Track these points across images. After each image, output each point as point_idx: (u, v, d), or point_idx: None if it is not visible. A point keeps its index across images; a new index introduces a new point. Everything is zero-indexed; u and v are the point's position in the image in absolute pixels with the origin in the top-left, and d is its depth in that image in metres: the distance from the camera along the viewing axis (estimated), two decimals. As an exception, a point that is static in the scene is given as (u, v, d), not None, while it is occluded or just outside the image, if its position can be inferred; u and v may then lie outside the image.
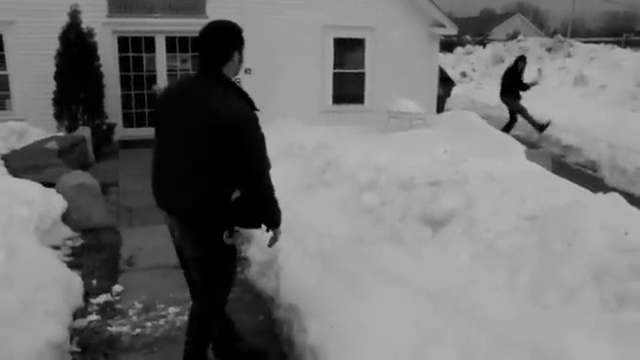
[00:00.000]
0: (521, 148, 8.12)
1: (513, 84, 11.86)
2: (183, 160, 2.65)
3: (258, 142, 2.60)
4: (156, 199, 2.89)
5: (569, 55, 17.99)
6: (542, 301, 2.90)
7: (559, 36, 20.85)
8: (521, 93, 11.89)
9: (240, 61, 2.75)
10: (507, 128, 11.67)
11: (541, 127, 11.49)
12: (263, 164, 2.64)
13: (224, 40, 2.66)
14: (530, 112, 11.72)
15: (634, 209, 3.65)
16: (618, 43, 20.36)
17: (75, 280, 4.25)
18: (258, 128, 2.60)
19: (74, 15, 8.93)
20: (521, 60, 12.13)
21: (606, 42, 20.06)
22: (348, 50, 11.75)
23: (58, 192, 5.71)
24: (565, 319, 2.69)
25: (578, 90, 14.66)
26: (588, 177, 9.29)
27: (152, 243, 5.44)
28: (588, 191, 4.44)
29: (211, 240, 2.73)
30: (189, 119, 2.59)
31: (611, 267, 2.84)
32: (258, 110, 2.66)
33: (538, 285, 3.01)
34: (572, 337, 2.52)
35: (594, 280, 2.84)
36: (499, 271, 3.25)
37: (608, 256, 2.91)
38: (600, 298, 2.76)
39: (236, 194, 2.69)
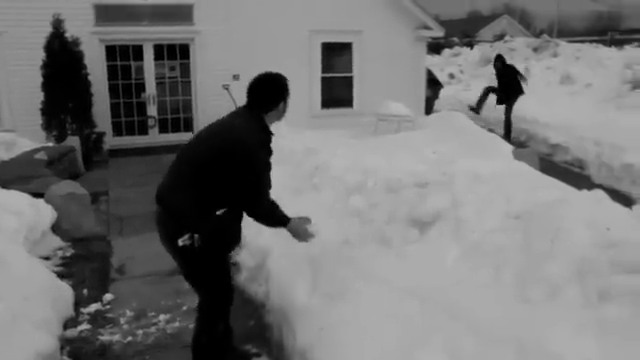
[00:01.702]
0: (509, 148, 8.19)
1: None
2: (183, 167, 2.95)
3: (258, 166, 2.88)
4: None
5: (555, 55, 18.14)
6: (526, 298, 2.94)
7: (545, 36, 21.04)
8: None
9: (284, 109, 3.12)
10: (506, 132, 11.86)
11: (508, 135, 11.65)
12: (259, 190, 2.91)
13: (273, 91, 3.04)
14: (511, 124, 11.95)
15: (617, 205, 3.70)
16: (603, 42, 20.55)
17: (65, 290, 4.26)
18: (260, 154, 2.88)
19: (57, 24, 8.91)
20: (497, 60, 12.27)
21: (591, 41, 20.26)
22: (336, 54, 11.80)
23: (47, 202, 5.71)
24: (549, 315, 2.73)
25: (565, 89, 14.78)
26: (576, 175, 9.37)
27: (143, 251, 5.45)
28: (573, 189, 4.49)
29: (174, 241, 2.93)
30: (207, 139, 2.96)
31: (593, 263, 2.88)
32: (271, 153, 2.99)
33: (523, 283, 3.05)
34: (556, 333, 2.56)
35: (577, 276, 2.89)
36: (485, 270, 3.29)
37: (590, 252, 2.95)
38: (583, 294, 2.80)
39: (220, 211, 2.90)
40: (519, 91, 11.83)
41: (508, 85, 11.83)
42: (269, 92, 3.02)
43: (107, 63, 10.32)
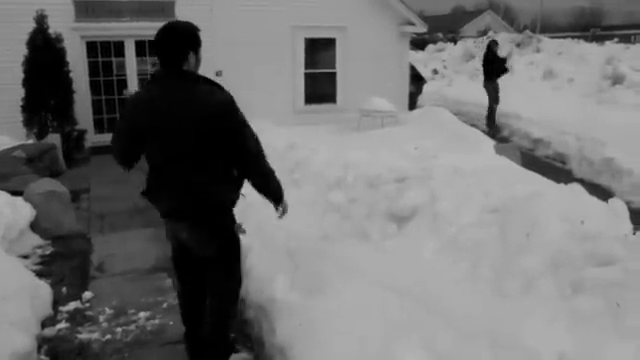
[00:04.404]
0: (490, 143, 8.25)
1: (491, 67, 12.14)
2: (183, 164, 2.71)
3: (246, 122, 2.72)
4: (158, 205, 2.93)
5: (538, 50, 18.30)
6: (502, 292, 2.97)
7: (528, 32, 21.20)
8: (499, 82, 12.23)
9: (197, 62, 2.76)
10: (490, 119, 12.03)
11: (490, 127, 11.82)
12: (258, 142, 2.77)
13: (178, 41, 2.68)
14: (497, 111, 12.06)
15: (594, 199, 3.75)
16: (585, 38, 20.79)
17: (43, 288, 4.21)
18: (238, 108, 2.70)
19: (41, 20, 8.80)
20: (494, 43, 12.62)
21: (573, 37, 20.48)
22: (319, 50, 11.79)
23: (26, 200, 5.63)
24: (524, 308, 2.76)
25: (547, 84, 14.93)
26: (557, 169, 9.46)
27: (124, 249, 5.42)
28: (552, 182, 4.53)
29: (226, 235, 2.90)
30: (174, 122, 2.61)
31: (567, 256, 2.92)
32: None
33: (499, 276, 3.07)
34: (530, 326, 2.59)
35: (551, 269, 2.92)
36: (462, 264, 3.31)
37: (565, 245, 2.99)
38: (557, 286, 2.83)
39: (244, 190, 2.89)
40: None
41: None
42: (174, 44, 2.68)
43: (88, 59, 10.20)
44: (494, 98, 12.11)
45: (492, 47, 12.42)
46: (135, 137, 2.80)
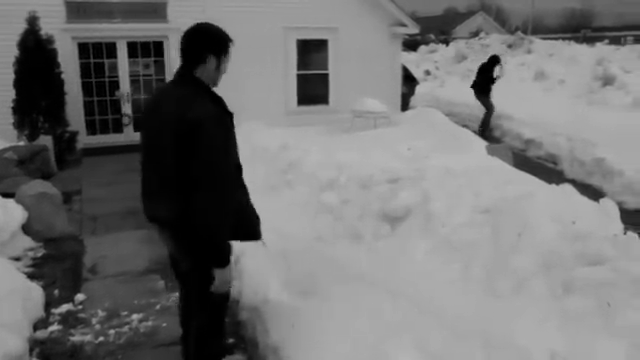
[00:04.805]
0: (482, 143, 8.29)
1: (485, 79, 12.17)
2: (155, 172, 2.57)
3: (214, 139, 2.39)
4: (143, 210, 2.80)
5: (529, 51, 18.41)
6: (494, 292, 2.99)
7: (519, 33, 21.32)
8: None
9: (217, 68, 2.64)
10: (485, 125, 12.04)
11: (482, 133, 11.82)
12: (216, 165, 2.38)
13: (197, 42, 2.59)
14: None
15: (584, 199, 3.77)
16: (576, 39, 20.95)
17: (35, 291, 4.19)
18: (219, 126, 2.43)
19: (32, 21, 8.76)
20: (499, 58, 12.57)
21: (564, 38, 20.63)
22: (311, 51, 11.79)
23: (18, 202, 5.60)
24: (515, 308, 2.78)
25: (538, 85, 15.02)
26: (549, 170, 9.51)
27: (117, 250, 5.40)
28: (544, 183, 4.56)
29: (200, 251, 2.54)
30: (156, 128, 2.51)
31: (559, 256, 2.94)
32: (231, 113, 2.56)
33: (491, 276, 3.09)
34: (521, 326, 2.61)
35: (543, 269, 2.94)
36: (454, 264, 3.33)
37: (556, 245, 3.01)
38: (548, 286, 2.86)
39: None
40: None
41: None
42: (193, 44, 2.58)
43: (80, 61, 10.15)
44: (489, 106, 12.17)
45: (495, 61, 12.38)
46: None
